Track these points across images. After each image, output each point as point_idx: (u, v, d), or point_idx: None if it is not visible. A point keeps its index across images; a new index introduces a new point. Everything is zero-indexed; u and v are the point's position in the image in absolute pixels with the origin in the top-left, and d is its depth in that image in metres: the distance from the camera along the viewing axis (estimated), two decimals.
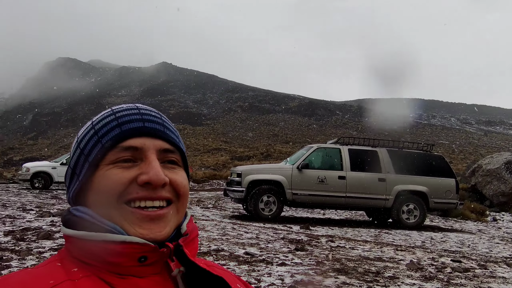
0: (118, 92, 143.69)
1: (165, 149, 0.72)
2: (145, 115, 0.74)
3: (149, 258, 0.65)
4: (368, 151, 10.36)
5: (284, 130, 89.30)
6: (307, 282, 4.29)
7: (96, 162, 0.69)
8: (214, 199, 16.09)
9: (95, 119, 0.75)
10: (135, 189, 0.66)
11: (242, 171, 10.00)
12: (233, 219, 9.80)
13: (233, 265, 4.78)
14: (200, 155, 58.73)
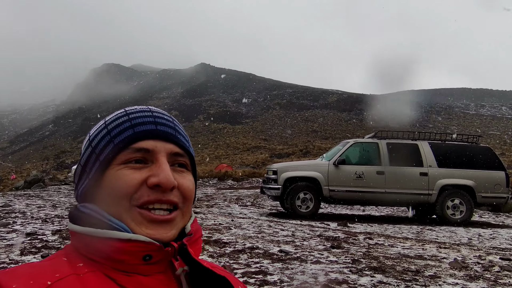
0: (160, 94, 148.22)
1: (175, 153, 0.74)
2: (158, 118, 0.75)
3: (154, 256, 0.66)
4: (408, 144, 9.96)
5: (323, 126, 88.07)
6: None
7: (107, 162, 0.70)
8: (253, 197, 16.16)
9: (108, 118, 0.77)
10: (146, 192, 0.68)
11: (278, 168, 9.96)
12: (270, 217, 9.80)
13: (266, 263, 4.76)
14: (240, 154, 59.29)
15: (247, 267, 4.54)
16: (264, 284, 3.92)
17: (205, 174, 31.21)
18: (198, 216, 9.03)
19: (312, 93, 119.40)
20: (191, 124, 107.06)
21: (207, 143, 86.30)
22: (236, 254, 5.20)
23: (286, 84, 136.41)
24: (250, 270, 4.42)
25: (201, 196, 16.20)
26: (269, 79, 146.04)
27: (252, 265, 4.65)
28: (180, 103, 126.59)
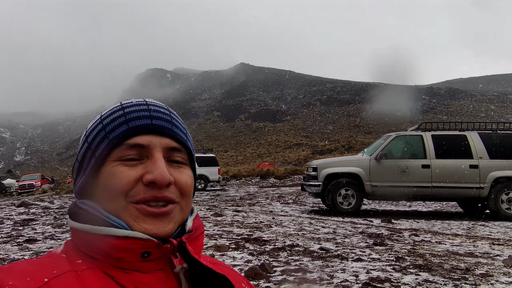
0: (201, 96, 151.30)
1: (172, 147, 0.72)
2: (154, 112, 0.73)
3: (152, 254, 0.65)
4: (456, 135, 9.45)
5: (366, 120, 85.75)
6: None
7: (103, 158, 0.69)
8: (295, 194, 16.08)
9: (104, 113, 0.75)
10: (141, 189, 0.66)
11: (318, 165, 9.83)
12: (311, 214, 9.71)
13: (306, 261, 4.73)
14: (282, 151, 59.20)
15: (286, 265, 4.53)
16: (303, 282, 3.89)
17: (247, 172, 31.48)
18: (239, 215, 9.13)
19: (353, 87, 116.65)
20: (232, 124, 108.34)
21: (249, 142, 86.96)
22: (276, 252, 5.20)
23: (327, 79, 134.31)
24: (290, 267, 4.41)
25: (243, 195, 16.36)
26: (309, 75, 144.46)
27: (292, 263, 4.63)
28: (221, 103, 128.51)
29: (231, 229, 7.07)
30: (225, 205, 12.01)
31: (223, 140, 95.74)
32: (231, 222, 7.89)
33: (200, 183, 20.55)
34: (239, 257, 4.94)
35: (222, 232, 6.67)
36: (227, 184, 26.62)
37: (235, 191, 19.99)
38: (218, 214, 9.22)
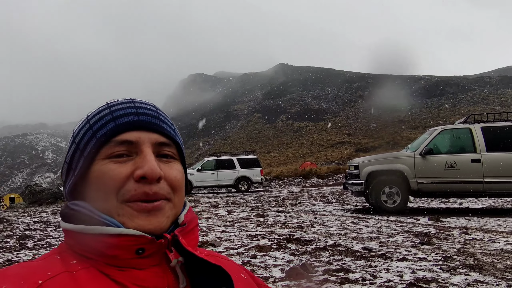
0: (242, 98, 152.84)
1: (160, 142, 0.72)
2: (140, 109, 0.73)
3: (147, 250, 0.65)
4: (508, 127, 8.89)
5: (411, 115, 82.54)
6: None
7: (91, 157, 0.68)
8: (338, 193, 15.84)
9: (90, 113, 0.75)
10: (132, 186, 0.66)
11: (359, 163, 9.63)
12: (354, 213, 9.53)
13: (348, 260, 4.66)
14: (324, 150, 58.46)
15: (328, 265, 4.50)
16: (345, 282, 3.85)
17: (290, 173, 31.40)
18: (281, 215, 9.15)
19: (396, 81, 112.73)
20: (274, 125, 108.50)
21: (291, 142, 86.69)
22: (317, 252, 5.17)
23: (368, 74, 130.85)
24: (331, 267, 4.37)
25: (286, 195, 16.36)
26: (349, 72, 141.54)
27: (334, 263, 4.59)
28: (262, 105, 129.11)
29: (273, 229, 7.11)
30: (267, 205, 12.07)
31: (265, 141, 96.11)
32: (273, 223, 7.93)
33: (243, 184, 20.78)
34: (281, 257, 4.96)
35: (264, 233, 6.73)
36: (270, 185, 26.70)
37: (278, 191, 20.02)
38: (261, 215, 9.29)
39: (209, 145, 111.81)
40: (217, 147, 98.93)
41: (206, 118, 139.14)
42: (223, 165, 20.72)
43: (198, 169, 20.51)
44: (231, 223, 8.09)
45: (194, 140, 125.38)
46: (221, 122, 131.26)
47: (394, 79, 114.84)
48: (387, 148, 42.87)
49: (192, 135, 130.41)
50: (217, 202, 13.88)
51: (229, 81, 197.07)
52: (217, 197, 17.05)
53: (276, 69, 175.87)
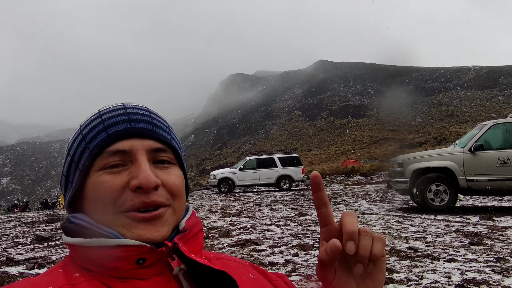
0: (282, 97, 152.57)
1: (155, 149, 0.69)
2: (132, 115, 0.71)
3: (148, 259, 0.64)
4: None
5: (460, 109, 78.44)
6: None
7: (86, 169, 0.67)
8: (382, 191, 15.46)
9: (83, 123, 0.72)
10: (129, 196, 0.64)
11: (404, 160, 9.35)
12: (399, 212, 9.28)
13: (393, 260, 4.59)
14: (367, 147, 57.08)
15: None
16: (389, 282, 3.80)
17: (331, 171, 31.02)
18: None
19: (443, 73, 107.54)
20: (314, 123, 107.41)
21: (332, 140, 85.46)
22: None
23: (412, 68, 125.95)
24: None
25: (328, 194, 16.15)
26: (392, 66, 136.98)
27: None
28: (302, 103, 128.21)
29: (315, 228, 7.10)
30: (309, 204, 12.04)
31: (306, 139, 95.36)
32: (315, 221, 7.92)
33: (285, 183, 20.80)
34: None
35: (306, 231, 6.75)
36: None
37: None
38: (303, 213, 9.30)
39: (250, 144, 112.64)
40: (258, 146, 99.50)
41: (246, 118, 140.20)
42: (265, 163, 20.84)
43: (240, 168, 20.78)
44: (273, 222, 8.17)
45: (235, 139, 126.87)
46: (261, 121, 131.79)
47: (442, 72, 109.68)
48: (434, 144, 41.09)
49: (233, 134, 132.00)
50: (259, 201, 14.03)
51: (269, 79, 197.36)
52: (259, 196, 17.20)
53: (316, 66, 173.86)
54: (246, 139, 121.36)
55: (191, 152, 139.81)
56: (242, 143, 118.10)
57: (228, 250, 5.59)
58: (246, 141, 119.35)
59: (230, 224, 8.11)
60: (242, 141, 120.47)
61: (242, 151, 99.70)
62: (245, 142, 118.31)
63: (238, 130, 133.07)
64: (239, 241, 6.14)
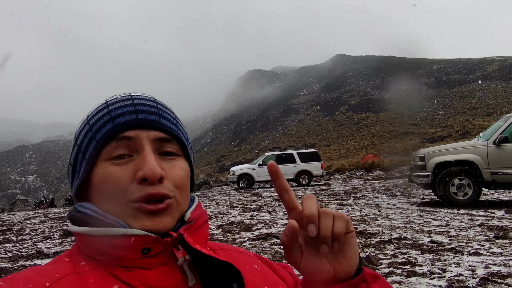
0: (300, 92, 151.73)
1: (160, 138, 0.70)
2: (139, 106, 0.71)
3: (153, 249, 0.64)
4: None
5: (484, 101, 76.21)
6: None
7: (93, 159, 0.67)
8: (403, 186, 15.27)
9: (90, 113, 0.73)
10: (137, 188, 0.65)
11: (425, 154, 9.21)
12: (421, 206, 9.16)
13: (415, 254, 4.57)
14: (387, 142, 56.28)
15: (393, 258, 4.45)
16: (412, 275, 3.79)
17: (351, 166, 30.75)
18: (344, 208, 9.09)
19: (466, 65, 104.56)
20: (333, 117, 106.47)
21: (352, 135, 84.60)
22: (382, 245, 5.11)
23: (433, 60, 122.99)
24: (397, 260, 4.32)
25: (348, 189, 16.11)
26: (412, 58, 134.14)
27: (399, 256, 4.52)
28: (320, 98, 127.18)
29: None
30: (329, 199, 12.01)
31: (325, 135, 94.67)
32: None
33: (304, 178, 20.77)
34: None
35: None
36: (331, 178, 26.37)
37: (339, 185, 19.75)
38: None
39: (268, 140, 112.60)
40: (277, 142, 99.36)
41: (264, 114, 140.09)
42: (284, 159, 20.85)
43: (259, 164, 20.85)
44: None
45: (254, 135, 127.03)
46: (279, 116, 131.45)
47: (464, 63, 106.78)
48: (457, 138, 40.17)
49: (252, 131, 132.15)
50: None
51: (287, 75, 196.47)
52: None
53: (334, 60, 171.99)
54: (264, 135, 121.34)
55: (210, 149, 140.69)
56: (261, 139, 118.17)
57: (249, 244, 5.67)
58: (265, 137, 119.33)
59: (251, 218, 8.18)
60: (260, 137, 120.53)
61: (261, 147, 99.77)
62: (264, 138, 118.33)
63: (256, 126, 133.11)
64: (260, 235, 6.20)
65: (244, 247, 5.49)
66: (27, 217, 11.96)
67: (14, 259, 5.44)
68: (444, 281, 3.56)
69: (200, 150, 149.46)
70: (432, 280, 3.62)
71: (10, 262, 5.25)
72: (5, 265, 5.07)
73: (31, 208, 20.58)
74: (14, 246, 6.68)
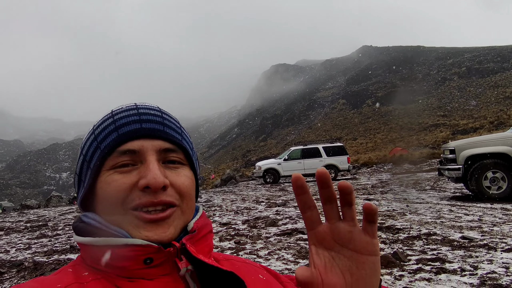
0: (325, 85, 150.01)
1: (165, 149, 0.70)
2: (144, 115, 0.72)
3: (155, 259, 0.64)
4: None
5: None
6: None
7: (97, 168, 0.68)
8: (433, 180, 14.86)
9: (96, 123, 0.74)
10: (137, 195, 0.65)
11: (456, 146, 8.91)
12: (452, 201, 8.89)
13: (445, 250, 4.44)
14: (416, 134, 54.83)
15: (422, 254, 4.34)
16: (442, 272, 3.69)
17: (378, 159, 30.20)
18: (371, 203, 8.94)
19: (499, 53, 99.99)
20: (359, 111, 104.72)
21: (379, 128, 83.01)
22: (410, 241, 5.00)
23: (464, 48, 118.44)
24: (426, 257, 4.21)
25: (375, 183, 15.84)
26: (441, 48, 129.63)
27: (428, 252, 4.41)
28: (346, 91, 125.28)
29: (361, 217, 7.00)
30: (356, 193, 11.82)
31: (351, 128, 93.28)
32: (361, 211, 7.79)
33: (330, 172, 20.56)
34: None
35: None
36: (358, 172, 26.00)
37: (366, 179, 19.45)
38: None
39: (294, 134, 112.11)
40: (302, 136, 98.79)
41: (289, 108, 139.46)
42: (309, 153, 20.71)
43: (285, 158, 20.79)
44: (320, 212, 8.13)
45: (279, 130, 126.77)
46: (305, 110, 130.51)
47: (498, 51, 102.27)
48: (491, 129, 38.58)
49: (277, 125, 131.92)
50: None
51: (311, 68, 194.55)
52: None
53: (359, 52, 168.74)
54: (290, 130, 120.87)
55: (236, 144, 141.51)
56: (286, 133, 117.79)
57: (275, 239, 5.68)
58: (290, 131, 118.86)
59: (276, 214, 8.19)
60: (286, 132, 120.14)
61: (286, 142, 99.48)
62: (289, 132, 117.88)
63: (281, 120, 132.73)
64: (286, 230, 6.20)
65: (269, 242, 5.50)
66: (61, 213, 12.44)
67: (49, 254, 5.67)
68: (476, 279, 3.45)
69: (226, 145, 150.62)
70: (463, 278, 3.52)
71: (45, 257, 5.48)
72: (41, 259, 5.29)
73: (65, 204, 21.38)
74: (49, 241, 6.96)
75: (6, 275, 4.68)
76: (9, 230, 8.94)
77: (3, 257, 5.68)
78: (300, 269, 0.57)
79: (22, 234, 8.07)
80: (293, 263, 4.36)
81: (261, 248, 5.20)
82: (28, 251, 6.05)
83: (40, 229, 8.59)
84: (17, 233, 8.36)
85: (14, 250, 6.26)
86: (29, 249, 6.24)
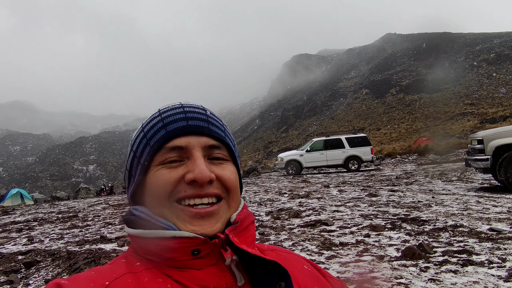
0: (347, 75, 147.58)
1: (210, 145, 0.74)
2: (189, 113, 0.76)
3: (202, 250, 0.68)
4: None
5: None
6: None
7: (147, 164, 0.73)
8: (460, 170, 14.51)
9: (145, 121, 0.79)
10: (183, 188, 0.69)
11: (484, 136, 8.67)
12: (479, 192, 8.68)
13: (472, 242, 4.38)
14: (442, 124, 53.38)
15: (448, 246, 4.30)
16: (468, 264, 3.66)
17: (403, 150, 29.65)
18: (395, 194, 8.85)
19: None
20: (383, 100, 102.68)
21: (403, 117, 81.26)
22: (436, 232, 4.95)
23: (493, 34, 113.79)
24: (452, 249, 4.17)
25: (400, 174, 15.60)
26: (469, 34, 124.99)
27: (455, 244, 4.36)
28: (369, 80, 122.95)
29: (386, 209, 6.96)
30: (380, 185, 11.72)
31: (375, 118, 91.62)
32: (387, 202, 7.74)
33: (353, 163, 20.37)
34: (396, 236, 4.89)
35: (377, 212, 6.64)
36: (382, 163, 25.62)
37: (391, 170, 19.16)
38: (373, 194, 9.12)
39: (316, 125, 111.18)
40: (324, 127, 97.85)
41: (311, 98, 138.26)
42: (332, 145, 20.55)
43: (307, 150, 20.71)
44: (343, 203, 8.13)
45: (301, 121, 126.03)
46: (327, 101, 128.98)
47: None
48: None
49: (299, 116, 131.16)
50: (328, 182, 13.95)
51: (333, 58, 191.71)
52: (327, 177, 17.09)
53: (383, 40, 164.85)
54: (312, 121, 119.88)
55: (258, 136, 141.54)
56: (308, 124, 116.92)
57: (298, 230, 5.72)
58: (312, 122, 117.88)
59: (300, 205, 8.21)
60: (308, 123, 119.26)
61: (308, 133, 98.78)
62: (311, 123, 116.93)
63: (303, 111, 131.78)
64: (309, 221, 6.23)
65: (293, 233, 5.55)
66: (90, 204, 12.86)
67: (81, 244, 5.91)
68: (504, 271, 3.41)
69: (247, 137, 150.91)
70: (490, 270, 3.48)
71: (78, 246, 5.72)
72: (73, 248, 5.53)
73: (93, 196, 22.05)
74: (80, 231, 7.25)
75: (42, 264, 4.93)
76: (42, 220, 9.34)
77: (38, 247, 5.96)
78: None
79: (55, 225, 8.42)
80: (317, 254, 4.40)
81: (285, 239, 5.26)
82: (61, 241, 6.33)
83: (71, 220, 8.93)
84: (49, 223, 8.73)
85: (48, 240, 6.56)
86: (61, 239, 6.52)
